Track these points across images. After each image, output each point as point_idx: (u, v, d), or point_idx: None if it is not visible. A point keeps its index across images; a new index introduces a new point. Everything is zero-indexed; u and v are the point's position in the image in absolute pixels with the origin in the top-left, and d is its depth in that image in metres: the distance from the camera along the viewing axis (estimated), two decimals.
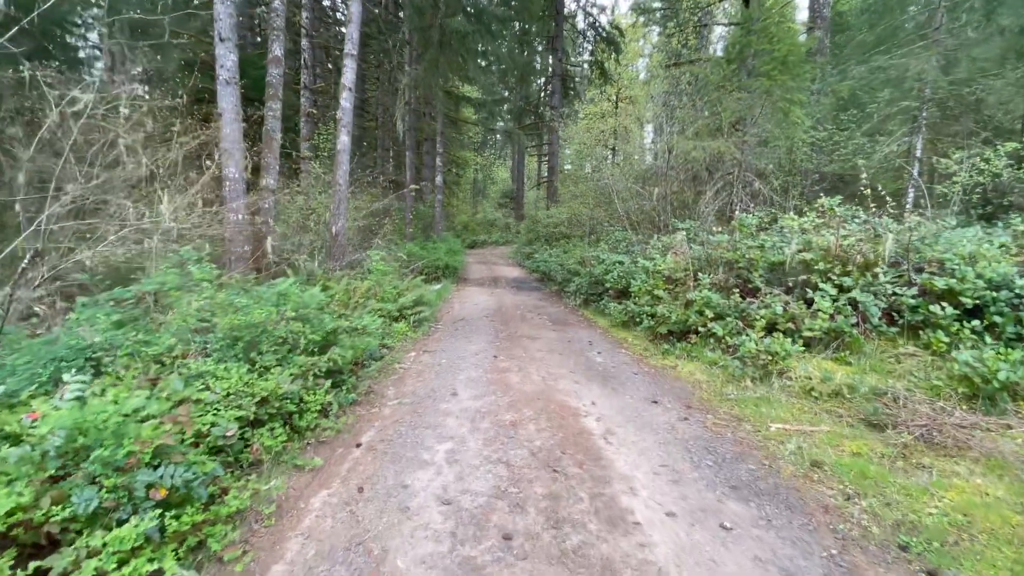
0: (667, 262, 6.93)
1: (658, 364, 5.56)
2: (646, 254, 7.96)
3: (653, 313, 6.46)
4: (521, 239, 19.74)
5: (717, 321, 5.59)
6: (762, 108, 7.25)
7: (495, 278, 14.01)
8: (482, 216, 29.04)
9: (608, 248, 9.72)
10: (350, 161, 13.08)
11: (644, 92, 25.84)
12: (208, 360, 3.47)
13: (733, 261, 6.25)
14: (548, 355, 5.93)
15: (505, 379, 5.00)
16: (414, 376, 5.17)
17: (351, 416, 4.08)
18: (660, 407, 4.28)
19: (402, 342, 6.59)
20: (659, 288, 6.72)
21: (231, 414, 3.08)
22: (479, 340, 6.72)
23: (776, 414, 4.03)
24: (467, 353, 6.02)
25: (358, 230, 11.64)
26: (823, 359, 4.86)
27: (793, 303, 5.33)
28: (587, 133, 25.00)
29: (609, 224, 13.57)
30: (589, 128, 25.10)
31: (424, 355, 6.01)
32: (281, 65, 9.94)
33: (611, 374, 5.21)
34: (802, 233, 6.15)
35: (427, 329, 7.45)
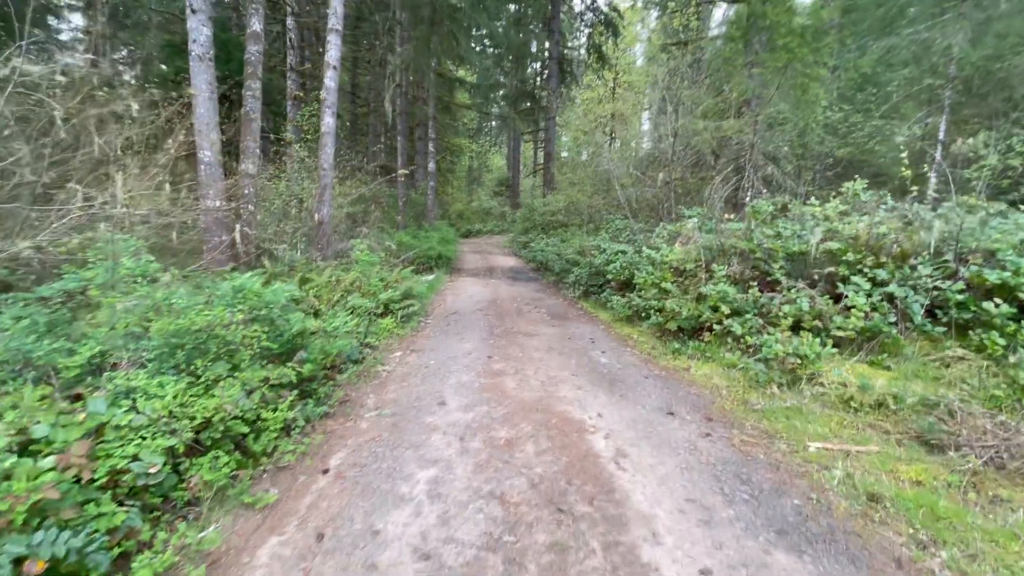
0: (675, 252, 6.31)
1: (669, 365, 4.96)
2: (651, 243, 7.33)
3: (661, 308, 5.86)
4: (517, 228, 19.05)
5: (734, 318, 4.99)
6: (779, 85, 6.60)
7: (490, 268, 13.37)
8: (477, 204, 28.25)
9: (609, 237, 9.10)
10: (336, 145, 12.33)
11: (643, 77, 25.04)
12: (141, 373, 2.83)
13: (749, 251, 5.64)
14: (547, 355, 5.32)
15: (500, 384, 4.39)
16: (398, 381, 4.55)
17: (320, 433, 3.46)
18: (677, 420, 3.69)
19: (387, 340, 5.97)
20: (667, 280, 6.10)
21: (158, 443, 2.46)
22: (472, 337, 6.10)
23: (813, 430, 3.44)
24: (458, 353, 5.41)
25: (346, 218, 10.95)
26: (857, 362, 4.27)
27: (819, 298, 4.73)
28: (584, 119, 24.23)
29: (608, 212, 12.94)
30: (586, 113, 24.33)
31: (411, 355, 5.39)
32: (260, 41, 9.15)
33: (618, 377, 4.61)
34: (826, 221, 5.53)
35: (416, 325, 6.82)
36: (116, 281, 3.26)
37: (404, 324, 6.70)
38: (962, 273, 4.37)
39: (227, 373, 3.14)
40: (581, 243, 10.46)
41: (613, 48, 22.17)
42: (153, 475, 2.36)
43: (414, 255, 11.79)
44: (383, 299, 6.35)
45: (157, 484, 2.42)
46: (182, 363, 2.99)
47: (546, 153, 19.68)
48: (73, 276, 3.28)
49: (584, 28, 23.58)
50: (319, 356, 3.75)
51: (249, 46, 9.00)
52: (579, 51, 25.15)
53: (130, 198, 5.32)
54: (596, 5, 21.53)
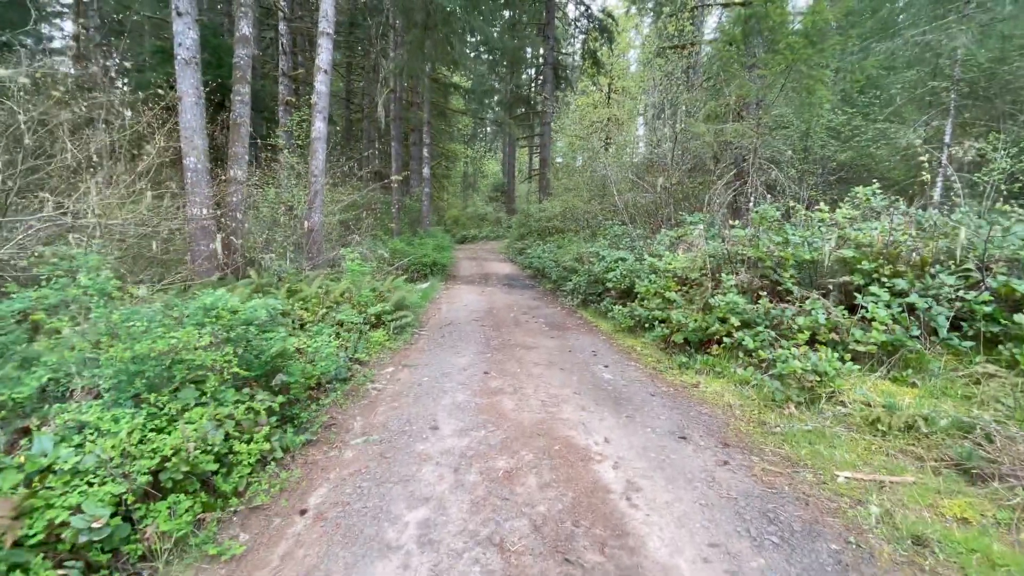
0: (678, 260, 6.01)
1: (677, 381, 4.65)
2: (652, 250, 7.04)
3: (665, 319, 5.56)
4: (513, 234, 18.77)
5: (744, 330, 4.69)
6: (782, 87, 6.34)
7: (486, 275, 13.05)
8: (472, 210, 27.98)
9: (607, 243, 8.81)
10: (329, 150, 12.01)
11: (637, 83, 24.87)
12: (95, 404, 2.49)
13: (757, 259, 5.35)
14: (547, 370, 5.00)
15: (498, 405, 4.06)
16: (388, 401, 4.21)
17: (300, 464, 3.12)
18: (690, 445, 3.37)
19: (379, 354, 5.63)
20: (670, 290, 5.81)
21: (106, 491, 2.12)
22: (467, 350, 5.77)
23: (840, 456, 3.13)
24: (453, 368, 5.08)
25: (338, 225, 10.62)
26: (879, 379, 3.98)
27: (835, 310, 4.44)
28: (579, 124, 23.99)
29: (606, 218, 12.67)
30: (582, 119, 24.10)
31: (403, 371, 5.05)
32: (249, 45, 8.82)
33: (623, 395, 4.29)
34: (835, 227, 5.26)
35: (409, 337, 6.49)
36: (66, 302, 2.92)
37: (397, 337, 6.37)
38: (988, 283, 4.09)
39: (195, 402, 2.80)
40: (579, 250, 10.17)
41: (608, 54, 21.97)
42: (98, 529, 2.02)
43: (408, 262, 11.46)
44: (373, 312, 6.00)
45: (105, 538, 2.08)
46: (143, 392, 2.64)
47: (541, 159, 19.44)
48: (23, 296, 2.93)
49: (579, 34, 23.42)
50: (301, 378, 3.41)
51: (238, 50, 8.69)
52: (574, 56, 24.99)
53: (104, 207, 4.98)
54: (590, 11, 21.38)
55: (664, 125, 9.30)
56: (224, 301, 3.12)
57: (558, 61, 20.84)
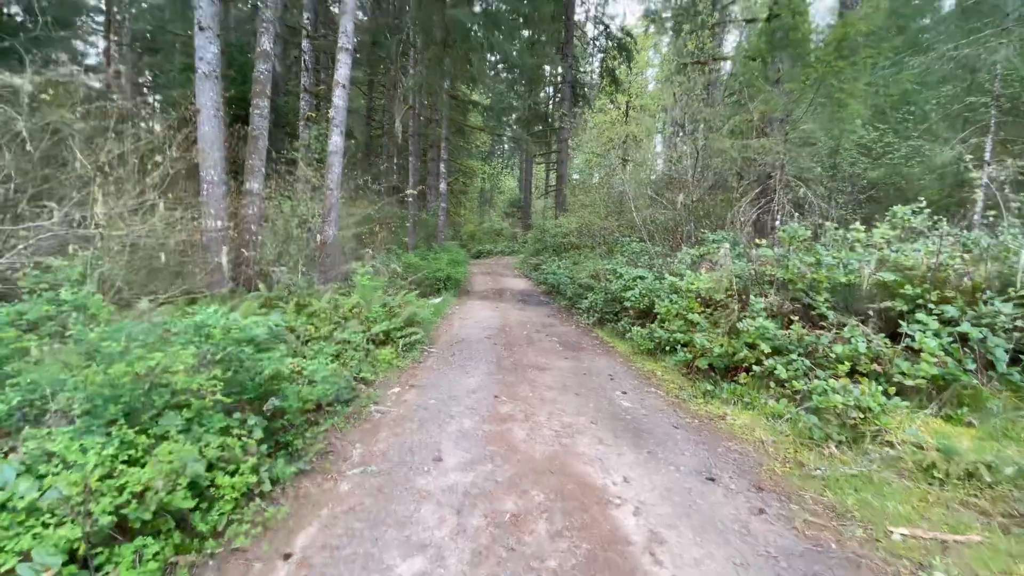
0: (701, 280, 5.67)
1: (701, 412, 4.28)
2: (673, 269, 6.70)
3: (688, 342, 5.20)
4: (528, 249, 18.54)
5: (776, 357, 4.31)
6: (811, 102, 6.03)
7: (500, 290, 12.79)
8: (488, 225, 27.89)
9: (625, 261, 8.48)
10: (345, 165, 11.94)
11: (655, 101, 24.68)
12: (64, 432, 2.26)
13: (787, 281, 4.98)
14: (561, 395, 4.67)
15: (507, 434, 3.74)
16: (391, 426, 3.92)
17: (290, 498, 2.84)
18: (720, 488, 3.01)
19: (385, 373, 5.36)
20: (694, 311, 5.45)
21: (61, 535, 1.86)
22: (477, 371, 5.48)
23: (893, 508, 2.74)
24: (461, 390, 4.78)
25: (353, 239, 10.49)
26: (928, 416, 3.57)
27: (876, 338, 4.05)
28: (597, 141, 23.82)
29: (622, 235, 12.35)
30: (599, 136, 23.94)
31: (409, 392, 4.77)
32: (270, 60, 8.83)
33: (644, 427, 3.94)
34: (871, 248, 4.88)
35: (418, 355, 6.21)
36: (48, 317, 2.72)
37: (405, 354, 6.10)
38: None
39: (178, 429, 2.56)
40: (595, 267, 9.86)
41: (626, 72, 21.87)
42: None
43: (421, 277, 11.26)
44: (379, 330, 5.75)
45: None
46: (120, 419, 2.40)
47: (558, 175, 19.26)
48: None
49: (597, 53, 23.40)
50: (296, 403, 3.15)
51: (258, 64, 8.69)
52: (592, 75, 24.96)
53: (109, 218, 4.85)
54: (609, 30, 21.34)
55: (684, 141, 9.01)
56: (216, 319, 2.89)
57: (576, 79, 20.78)
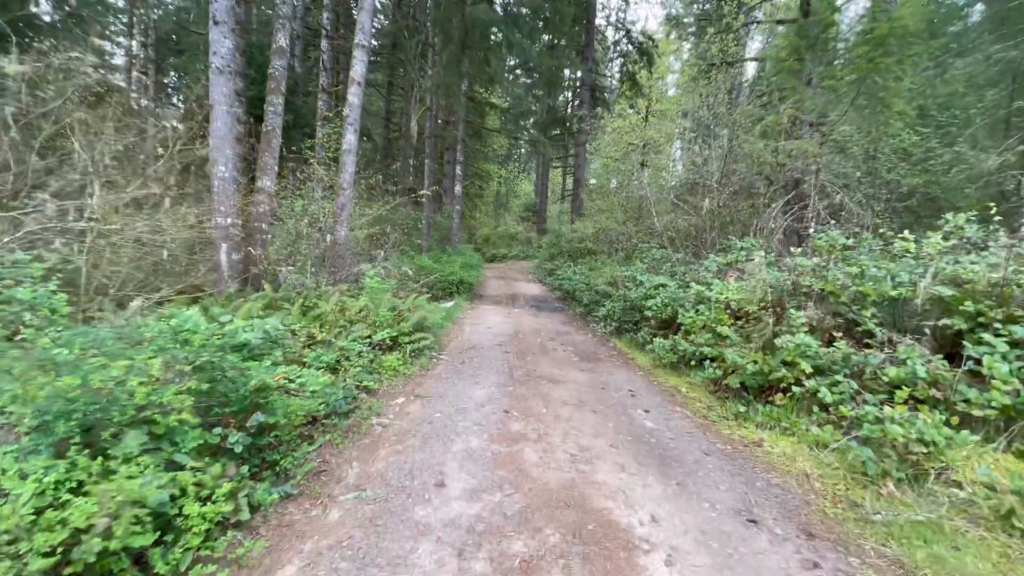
0: (731, 289, 5.22)
1: (734, 436, 3.83)
2: (699, 278, 6.26)
3: (717, 357, 4.75)
4: (543, 254, 18.14)
5: (817, 378, 3.85)
6: (853, 101, 5.55)
7: (513, 295, 12.41)
8: (503, 229, 27.54)
9: (645, 268, 8.04)
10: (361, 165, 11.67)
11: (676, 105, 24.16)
12: (8, 452, 1.93)
13: (827, 293, 4.51)
14: (578, 412, 4.26)
15: (518, 457, 3.35)
16: (392, 442, 3.56)
17: (272, 527, 2.49)
18: (764, 533, 2.57)
19: (391, 381, 5.01)
20: (723, 323, 5.01)
21: None
22: (487, 381, 5.09)
23: (971, 566, 2.29)
24: (470, 403, 4.40)
25: (366, 240, 10.20)
26: (998, 452, 3.09)
27: (934, 360, 3.57)
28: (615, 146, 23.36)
29: (641, 241, 11.89)
30: (617, 141, 23.48)
31: (415, 403, 4.41)
32: (285, 56, 8.61)
33: (671, 453, 3.51)
34: (927, 259, 4.39)
35: (426, 362, 5.85)
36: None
37: (413, 361, 5.75)
38: None
39: (142, 448, 2.22)
40: (613, 273, 9.42)
41: (647, 76, 21.41)
42: None
43: (433, 280, 10.93)
44: (383, 336, 5.41)
45: None
46: (76, 436, 2.07)
47: (575, 179, 18.86)
48: None
49: (617, 57, 22.98)
50: (284, 418, 2.80)
51: (274, 61, 8.46)
52: (611, 79, 24.54)
53: (104, 212, 4.59)
54: (631, 34, 20.92)
55: (709, 145, 8.56)
56: (195, 322, 2.56)
57: (596, 83, 20.38)
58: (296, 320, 5.61)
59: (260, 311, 5.70)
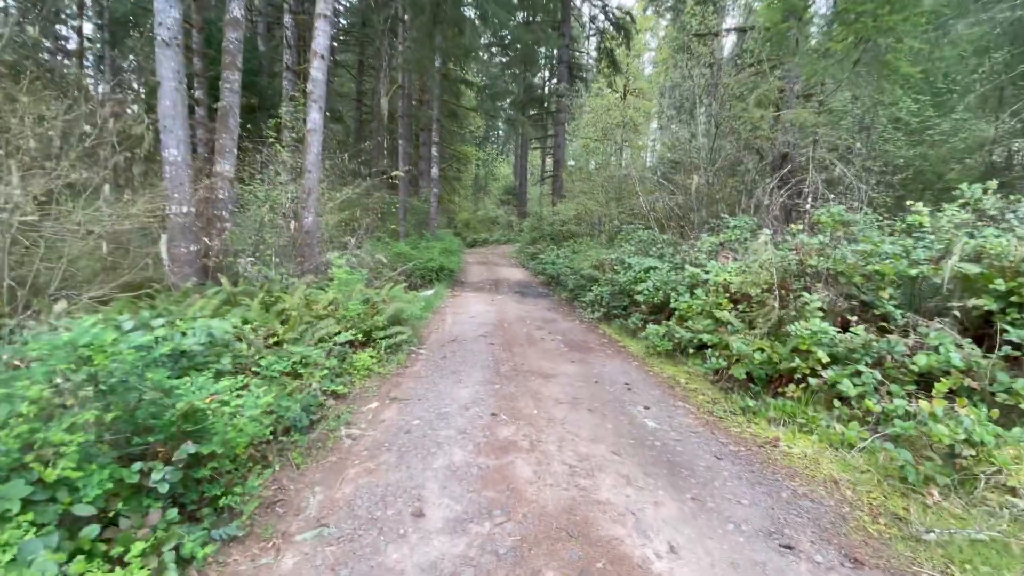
0: (729, 271, 4.80)
1: (745, 435, 3.43)
2: (693, 259, 5.84)
3: (718, 345, 4.35)
4: (524, 238, 17.61)
5: (834, 367, 3.46)
6: (856, 64, 5.13)
7: (496, 281, 11.90)
8: (483, 214, 26.85)
9: (634, 250, 7.60)
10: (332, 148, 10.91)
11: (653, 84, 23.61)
12: None
13: (838, 273, 4.12)
14: (572, 412, 3.81)
15: (509, 471, 2.88)
16: (363, 459, 3.05)
17: None
18: (803, 562, 2.16)
19: (364, 383, 4.48)
20: (722, 308, 4.59)
21: None
22: (472, 378, 4.61)
23: None
24: (453, 405, 3.91)
25: (337, 226, 9.51)
26: None
27: (966, 345, 3.20)
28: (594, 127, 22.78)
29: (624, 222, 11.47)
30: (596, 122, 22.89)
31: (390, 408, 3.89)
32: (240, 28, 7.78)
33: (680, 458, 3.09)
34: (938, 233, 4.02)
35: (404, 358, 5.33)
36: None
37: (389, 358, 5.22)
38: None
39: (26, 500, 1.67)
40: (598, 256, 8.97)
41: (625, 53, 20.75)
42: None
43: (412, 268, 10.34)
44: (346, 339, 4.83)
45: None
46: None
47: (555, 160, 18.27)
48: None
49: (594, 34, 22.23)
50: (220, 447, 2.26)
51: (228, 33, 7.64)
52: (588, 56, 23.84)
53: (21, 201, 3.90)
54: (607, 8, 20.18)
55: (695, 120, 8.09)
56: (96, 335, 1.99)
57: (573, 60, 19.68)
58: (257, 317, 5.01)
59: (218, 309, 5.08)
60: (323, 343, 4.60)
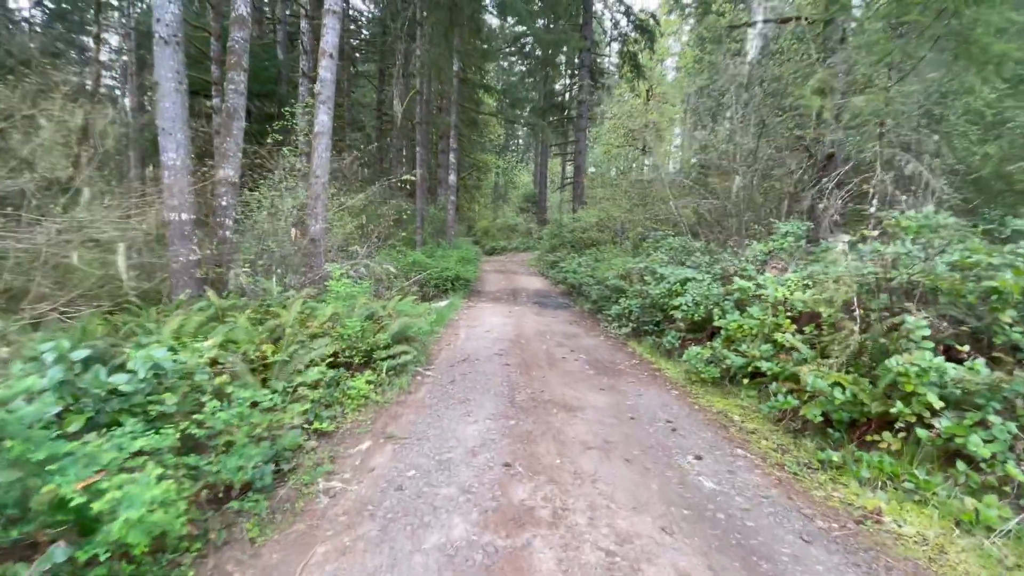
0: (791, 285, 3.96)
1: (832, 500, 2.59)
2: (739, 268, 5.00)
3: (780, 374, 3.51)
4: (544, 245, 16.85)
5: (949, 413, 2.61)
6: (936, 40, 4.27)
7: (514, 291, 11.16)
8: (503, 221, 26.18)
9: (666, 259, 6.78)
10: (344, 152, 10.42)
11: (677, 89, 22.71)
12: None
13: (934, 291, 3.26)
14: (605, 463, 3.02)
15: (524, 561, 2.11)
16: (339, 529, 2.33)
17: None
18: None
19: (357, 414, 3.79)
20: (784, 330, 3.76)
21: None
22: (482, 410, 3.86)
23: None
24: (458, 449, 3.17)
25: (354, 232, 8.90)
26: None
27: None
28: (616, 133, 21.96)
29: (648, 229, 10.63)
30: (617, 127, 22.08)
31: (383, 450, 3.18)
32: (247, 27, 7.24)
33: (754, 540, 2.28)
34: None
35: (407, 382, 4.62)
36: None
37: (392, 381, 4.52)
38: None
39: None
40: (624, 265, 8.16)
41: (648, 56, 19.94)
42: None
43: (426, 277, 9.68)
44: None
45: None
46: None
47: (576, 166, 17.51)
48: None
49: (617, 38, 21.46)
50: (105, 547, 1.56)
51: (233, 32, 7.11)
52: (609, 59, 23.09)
53: None
54: (630, 12, 19.39)
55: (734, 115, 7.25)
56: None
57: (595, 64, 18.96)
58: (244, 336, 4.38)
59: (198, 326, 4.47)
60: (310, 369, 3.93)
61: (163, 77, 5.99)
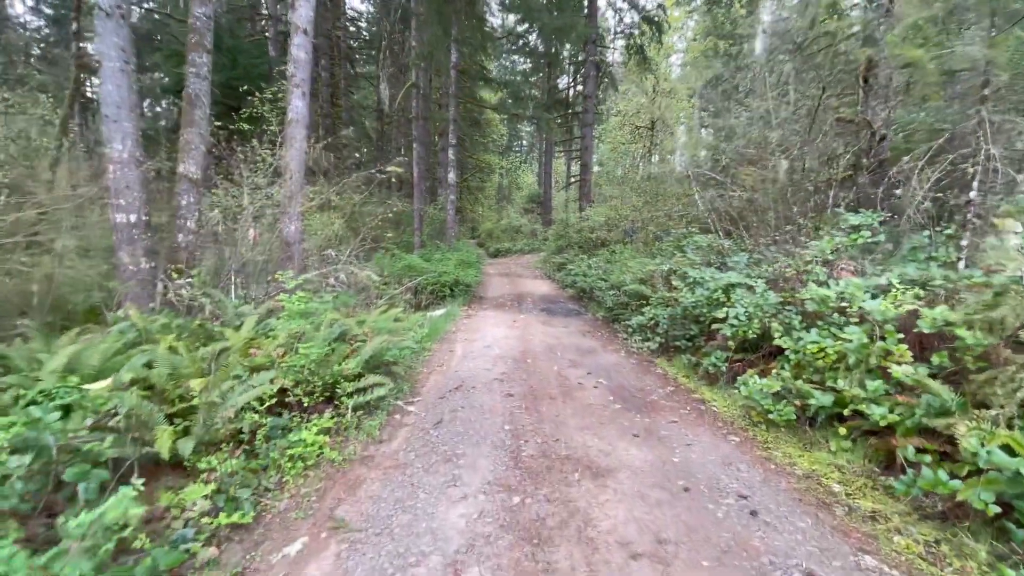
0: (909, 296, 2.79)
1: None
2: (799, 268, 3.83)
3: (910, 428, 2.33)
4: (550, 247, 15.65)
5: None
6: None
7: (519, 296, 9.99)
8: (507, 223, 24.99)
9: (698, 260, 5.60)
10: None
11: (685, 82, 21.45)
12: None
13: None
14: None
15: None
16: None
17: None
18: None
19: (300, 482, 2.65)
20: (900, 358, 2.58)
21: None
22: (475, 475, 2.71)
23: None
24: (432, 557, 2.01)
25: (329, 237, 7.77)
26: None
27: None
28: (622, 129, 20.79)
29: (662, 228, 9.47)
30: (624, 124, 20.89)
31: (323, 551, 2.03)
32: (209, 3, 6.09)
33: None
34: None
35: (377, 426, 3.47)
36: None
37: (360, 423, 3.38)
38: None
39: None
40: (643, 268, 6.98)
41: (656, 49, 18.74)
42: None
43: (420, 283, 8.55)
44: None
45: None
46: None
47: (582, 163, 16.29)
48: None
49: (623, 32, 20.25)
50: None
51: (194, 8, 5.99)
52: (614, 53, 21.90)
53: None
54: (637, 4, 18.17)
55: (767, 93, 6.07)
56: None
57: (601, 57, 17.78)
58: (169, 366, 3.26)
59: (109, 355, 3.34)
60: (241, 416, 2.79)
61: (106, 56, 4.92)
